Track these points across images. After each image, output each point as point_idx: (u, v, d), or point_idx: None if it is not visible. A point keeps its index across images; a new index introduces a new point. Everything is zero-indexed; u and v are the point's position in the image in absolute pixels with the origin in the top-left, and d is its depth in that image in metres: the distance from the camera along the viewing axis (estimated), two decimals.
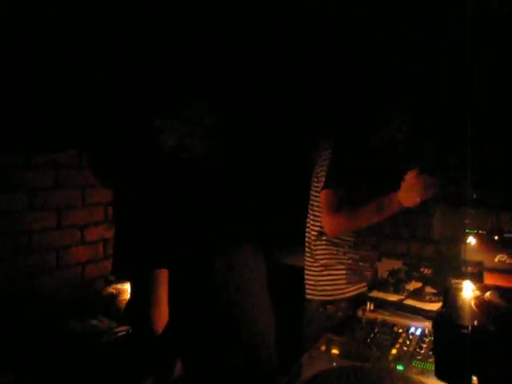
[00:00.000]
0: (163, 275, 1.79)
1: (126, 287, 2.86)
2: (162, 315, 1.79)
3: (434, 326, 1.28)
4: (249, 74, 2.92)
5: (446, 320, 1.28)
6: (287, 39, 3.29)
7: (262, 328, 1.90)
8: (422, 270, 3.11)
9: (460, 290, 1.57)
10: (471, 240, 2.26)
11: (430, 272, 3.04)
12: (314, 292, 2.75)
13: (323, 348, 1.93)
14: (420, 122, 2.96)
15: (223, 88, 2.20)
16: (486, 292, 1.48)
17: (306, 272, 2.82)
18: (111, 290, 3.03)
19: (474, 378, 1.18)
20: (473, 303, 1.40)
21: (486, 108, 3.58)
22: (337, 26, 3.28)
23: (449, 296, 1.49)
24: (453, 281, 1.70)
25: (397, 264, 3.31)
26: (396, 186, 2.45)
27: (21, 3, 2.26)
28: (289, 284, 3.07)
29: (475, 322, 1.22)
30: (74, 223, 3.17)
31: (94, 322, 2.64)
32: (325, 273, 2.73)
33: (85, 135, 2.80)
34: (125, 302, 2.56)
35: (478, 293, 1.52)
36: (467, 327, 1.18)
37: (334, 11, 3.16)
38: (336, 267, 2.73)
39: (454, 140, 3.78)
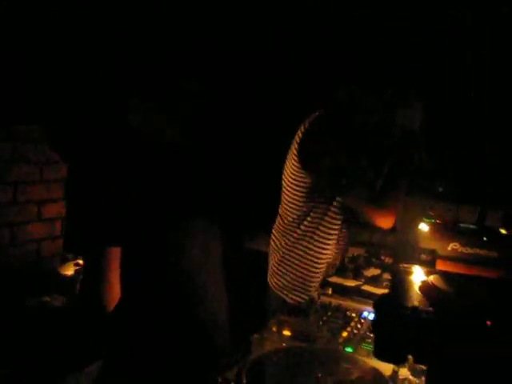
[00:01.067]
0: (115, 252, 1.76)
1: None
2: (113, 293, 1.76)
3: (374, 307, 1.30)
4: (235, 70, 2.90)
5: (387, 301, 1.29)
6: (278, 38, 3.27)
7: (214, 308, 1.89)
8: (382, 257, 3.15)
9: (407, 273, 1.59)
10: (423, 227, 2.29)
11: (390, 260, 3.09)
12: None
13: (274, 329, 1.94)
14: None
15: (206, 78, 2.17)
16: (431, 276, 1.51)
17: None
18: (67, 267, 2.98)
19: (410, 357, 1.21)
20: (417, 286, 1.42)
21: (451, 103, 3.64)
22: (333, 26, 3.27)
23: (395, 279, 1.51)
24: (401, 265, 1.72)
25: (359, 252, 3.35)
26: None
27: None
28: (252, 268, 3.08)
29: (415, 304, 1.23)
30: (30, 199, 3.10)
31: (48, 298, 2.60)
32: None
33: (47, 108, 2.74)
34: (80, 279, 2.52)
35: (423, 277, 1.54)
36: (406, 308, 1.20)
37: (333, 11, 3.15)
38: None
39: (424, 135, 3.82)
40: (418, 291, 1.38)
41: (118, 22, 2.39)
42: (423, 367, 1.31)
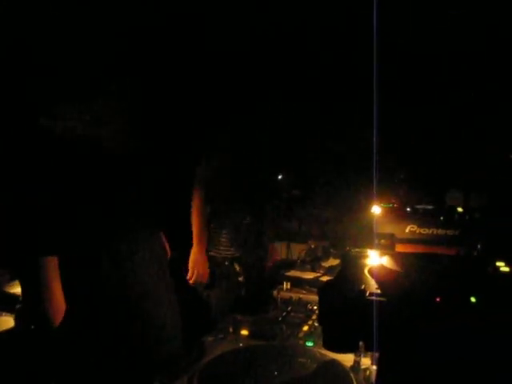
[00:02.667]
0: (54, 262, 1.63)
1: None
2: (58, 305, 1.63)
3: (318, 294, 1.22)
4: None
5: (332, 287, 1.22)
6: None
7: (159, 315, 1.79)
8: (347, 248, 3.10)
9: (358, 258, 1.52)
10: (375, 209, 2.25)
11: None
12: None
13: (231, 329, 1.86)
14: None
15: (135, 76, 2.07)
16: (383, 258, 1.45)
17: None
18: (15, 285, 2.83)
19: (361, 344, 1.14)
20: (366, 270, 1.35)
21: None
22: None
23: (344, 264, 1.44)
24: (353, 250, 1.66)
25: (324, 244, 3.30)
26: None
27: None
28: None
29: (362, 287, 1.16)
30: None
31: None
32: None
33: None
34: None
35: (376, 260, 1.48)
36: (352, 292, 1.13)
37: None
38: None
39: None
40: (367, 274, 1.31)
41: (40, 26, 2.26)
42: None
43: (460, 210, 2.57)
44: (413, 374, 1.08)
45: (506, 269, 1.38)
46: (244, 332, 1.86)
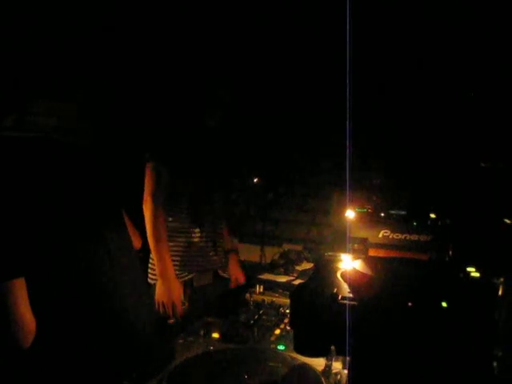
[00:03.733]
0: (19, 282, 1.51)
1: None
2: (28, 326, 1.52)
3: (290, 297, 1.21)
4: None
5: (304, 290, 1.21)
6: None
7: (129, 318, 1.74)
8: (320, 252, 3.11)
9: (331, 262, 1.52)
10: (349, 214, 2.25)
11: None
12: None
13: (202, 332, 1.83)
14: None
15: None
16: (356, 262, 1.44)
17: None
18: None
19: (333, 348, 1.13)
20: (339, 274, 1.35)
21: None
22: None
23: (318, 268, 1.44)
24: (326, 254, 1.66)
25: (298, 248, 3.30)
26: None
27: None
28: None
29: (334, 291, 1.16)
30: None
31: None
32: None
33: None
34: None
35: (348, 264, 1.48)
36: (324, 296, 1.12)
37: None
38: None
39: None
40: (340, 278, 1.30)
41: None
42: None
43: (432, 216, 2.59)
44: (383, 378, 1.08)
45: (477, 274, 1.39)
46: (215, 335, 1.83)
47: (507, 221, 2.35)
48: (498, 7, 3.06)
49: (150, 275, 2.56)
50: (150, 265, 2.56)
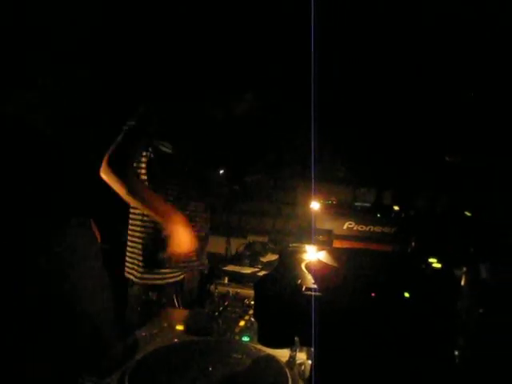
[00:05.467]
0: None
1: None
2: None
3: (254, 289, 1.20)
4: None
5: (268, 281, 1.21)
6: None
7: (87, 309, 1.71)
8: (285, 243, 3.11)
9: (295, 253, 1.52)
10: (314, 205, 2.27)
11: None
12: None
13: (165, 324, 1.81)
14: None
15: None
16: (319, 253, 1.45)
17: None
18: None
19: (297, 339, 1.13)
20: (303, 265, 1.35)
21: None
22: None
23: (282, 259, 1.44)
24: (290, 245, 1.66)
25: (263, 239, 3.30)
26: None
27: None
28: None
29: (298, 282, 1.16)
30: None
31: None
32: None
33: None
34: None
35: (312, 255, 1.48)
36: (287, 287, 1.12)
37: None
38: None
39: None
40: (304, 269, 1.30)
41: None
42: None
43: (396, 208, 2.63)
44: (348, 368, 1.09)
45: (438, 265, 1.41)
46: (179, 327, 1.82)
47: (467, 213, 2.41)
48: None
49: (127, 269, 2.40)
50: (127, 257, 2.40)
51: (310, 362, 1.49)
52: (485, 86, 3.50)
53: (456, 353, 1.07)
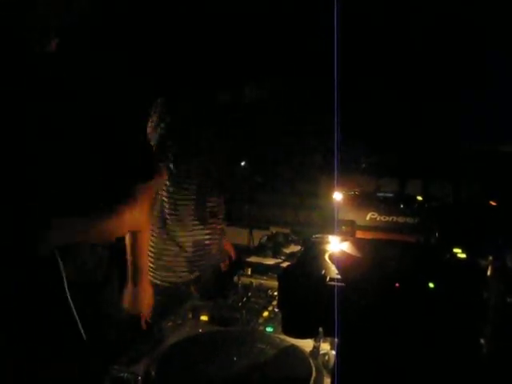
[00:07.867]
0: None
1: None
2: None
3: (278, 280, 1.21)
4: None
5: (292, 272, 1.22)
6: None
7: (108, 299, 1.73)
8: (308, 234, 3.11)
9: (319, 244, 1.52)
10: (337, 196, 2.26)
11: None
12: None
13: (190, 315, 1.83)
14: None
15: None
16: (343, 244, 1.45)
17: None
18: None
19: (320, 329, 1.14)
20: (327, 255, 1.35)
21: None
22: None
23: (305, 250, 1.44)
24: (314, 236, 1.66)
25: (286, 230, 3.29)
26: None
27: None
28: None
29: (322, 272, 1.16)
30: None
31: None
32: None
33: None
34: None
35: (336, 246, 1.48)
36: (312, 277, 1.13)
37: None
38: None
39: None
40: (328, 260, 1.31)
41: None
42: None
43: (419, 198, 2.60)
44: (372, 359, 1.09)
45: (463, 255, 1.40)
46: (203, 317, 1.84)
47: (492, 202, 2.37)
48: None
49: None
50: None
51: (333, 352, 1.50)
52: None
53: (482, 341, 1.06)
